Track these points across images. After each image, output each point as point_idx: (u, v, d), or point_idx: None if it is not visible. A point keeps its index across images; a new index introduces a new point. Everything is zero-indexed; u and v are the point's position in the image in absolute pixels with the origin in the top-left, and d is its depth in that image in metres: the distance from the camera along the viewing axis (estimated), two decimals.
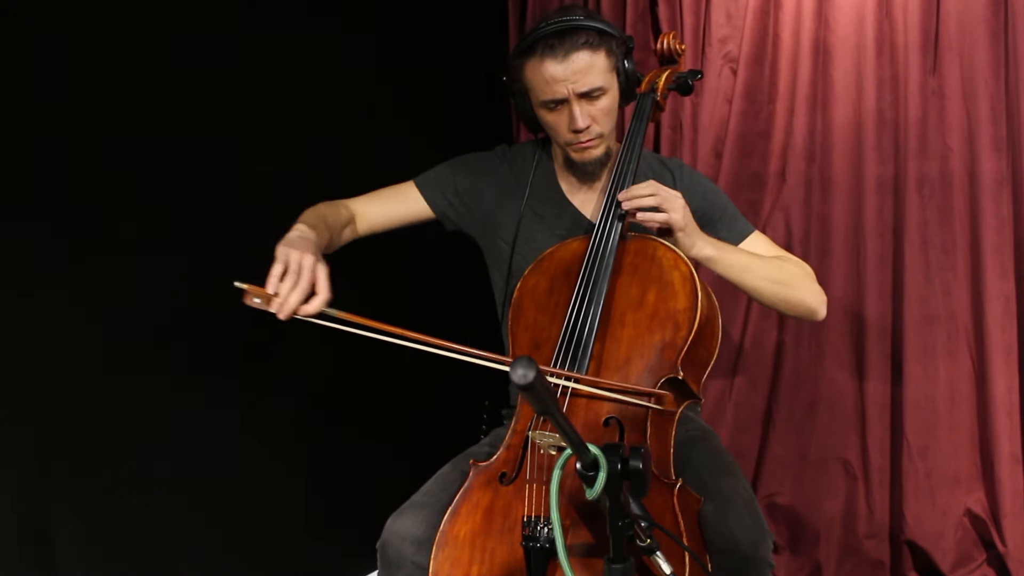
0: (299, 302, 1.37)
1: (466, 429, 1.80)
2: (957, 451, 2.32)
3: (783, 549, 2.47)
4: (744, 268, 1.62)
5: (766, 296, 1.65)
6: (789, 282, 1.66)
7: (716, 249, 1.59)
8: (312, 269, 1.39)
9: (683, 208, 1.53)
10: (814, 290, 1.69)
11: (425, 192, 1.78)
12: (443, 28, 2.59)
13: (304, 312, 1.38)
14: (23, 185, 1.69)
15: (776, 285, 1.64)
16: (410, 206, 1.78)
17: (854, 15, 2.34)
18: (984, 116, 2.23)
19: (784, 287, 1.65)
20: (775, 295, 1.65)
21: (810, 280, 1.70)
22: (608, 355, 1.47)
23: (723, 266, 1.60)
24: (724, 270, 1.60)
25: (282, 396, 2.22)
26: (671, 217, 1.51)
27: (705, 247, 1.57)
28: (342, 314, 1.40)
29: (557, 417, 0.99)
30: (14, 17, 1.65)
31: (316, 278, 1.39)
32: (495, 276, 1.82)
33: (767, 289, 1.64)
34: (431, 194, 1.78)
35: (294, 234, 1.49)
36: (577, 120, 1.59)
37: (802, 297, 1.67)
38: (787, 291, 1.65)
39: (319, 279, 1.39)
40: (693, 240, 1.55)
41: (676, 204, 1.52)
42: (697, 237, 1.56)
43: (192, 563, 2.00)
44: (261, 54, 2.10)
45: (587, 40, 1.55)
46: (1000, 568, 2.26)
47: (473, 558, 1.35)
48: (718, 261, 1.59)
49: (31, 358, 1.71)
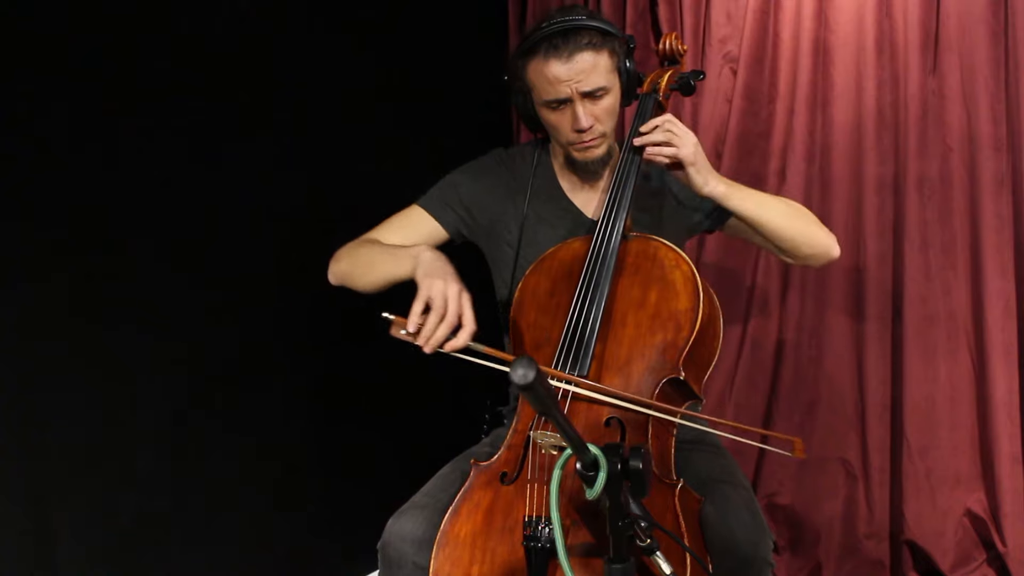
0: (446, 337, 1.38)
1: (466, 429, 1.80)
2: (957, 451, 2.32)
3: (783, 549, 2.47)
4: (758, 203, 1.62)
5: (784, 231, 1.63)
6: (803, 217, 1.67)
7: (728, 186, 1.59)
8: (458, 300, 1.40)
9: (695, 144, 1.54)
10: (823, 227, 1.71)
11: (433, 212, 1.75)
12: (443, 28, 2.59)
13: (451, 347, 1.39)
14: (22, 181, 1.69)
15: (792, 219, 1.64)
16: (423, 230, 1.75)
17: (854, 15, 2.34)
18: (984, 116, 2.23)
19: (800, 221, 1.66)
20: (792, 228, 1.64)
21: (817, 219, 1.71)
22: (609, 355, 1.47)
23: (737, 200, 1.60)
24: (738, 204, 1.60)
25: (282, 396, 2.22)
26: (680, 151, 1.53)
27: (718, 184, 1.58)
28: (487, 349, 1.41)
29: (557, 417, 0.99)
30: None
31: (462, 310, 1.40)
32: (498, 280, 1.81)
33: (784, 224, 1.63)
34: (439, 213, 1.75)
35: (427, 257, 1.49)
36: (580, 120, 1.58)
37: (816, 231, 1.68)
38: (803, 225, 1.66)
39: (464, 312, 1.40)
40: (705, 177, 1.56)
41: (687, 140, 1.54)
42: (709, 175, 1.57)
43: (192, 563, 1.99)
44: (259, 54, 2.10)
45: (590, 40, 1.55)
46: (1000, 568, 2.26)
47: (474, 558, 1.35)
48: (731, 196, 1.59)
49: (31, 358, 1.71)
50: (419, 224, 1.75)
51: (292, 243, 2.18)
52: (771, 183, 2.46)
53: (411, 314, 1.39)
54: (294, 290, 2.18)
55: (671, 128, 1.55)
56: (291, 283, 2.17)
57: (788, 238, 1.64)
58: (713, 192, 1.58)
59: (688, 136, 1.55)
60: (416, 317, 1.39)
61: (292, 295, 2.18)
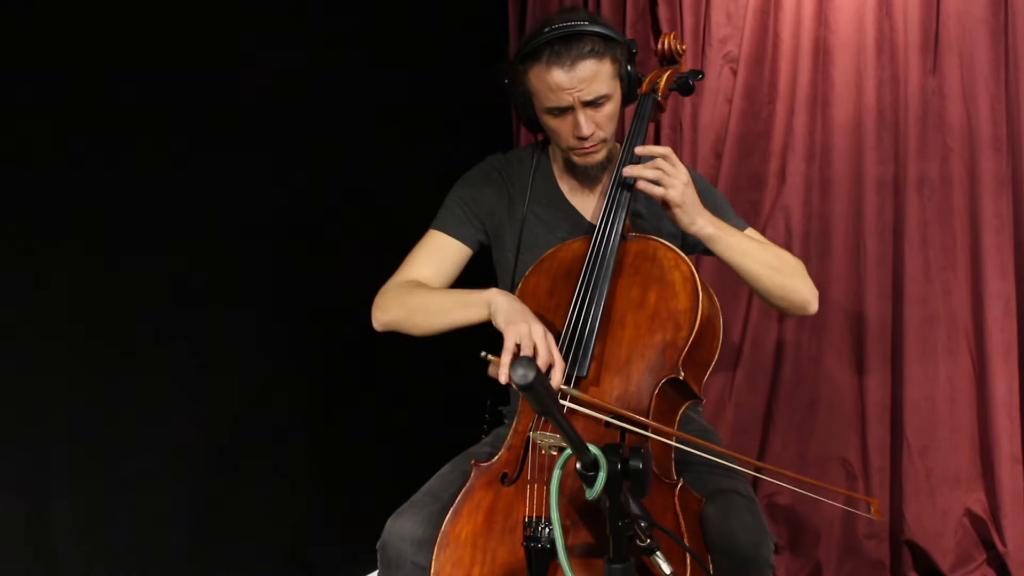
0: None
1: (466, 429, 1.80)
2: (957, 451, 2.32)
3: (783, 549, 2.47)
4: (744, 252, 1.61)
5: (763, 282, 1.63)
6: (785, 270, 1.66)
7: (716, 229, 1.58)
8: (545, 341, 1.42)
9: (684, 185, 1.52)
10: (807, 282, 1.69)
11: (452, 233, 1.74)
12: (442, 28, 2.59)
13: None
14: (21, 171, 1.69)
15: (773, 272, 1.63)
16: (451, 253, 1.74)
17: (854, 15, 2.34)
18: (984, 116, 2.24)
19: (781, 275, 1.64)
20: (771, 281, 1.63)
21: (804, 272, 1.70)
22: (609, 355, 1.47)
23: (723, 246, 1.59)
24: (724, 250, 1.60)
25: (282, 396, 2.22)
26: (667, 193, 1.52)
27: (706, 226, 1.56)
28: (582, 395, 1.42)
29: (557, 417, 0.99)
30: None
31: (551, 350, 1.42)
32: (500, 283, 1.80)
33: (764, 275, 1.62)
34: (459, 231, 1.74)
35: (501, 301, 1.51)
36: (582, 128, 1.58)
37: (797, 286, 1.66)
38: (784, 279, 1.65)
39: (553, 352, 1.42)
40: (692, 218, 1.55)
41: (676, 181, 1.52)
42: (697, 215, 1.56)
43: (192, 563, 1.99)
44: (258, 51, 2.10)
45: (593, 48, 1.54)
46: (1000, 568, 2.26)
47: (474, 558, 1.35)
48: (718, 241, 1.58)
49: (31, 357, 1.71)
50: (445, 249, 1.74)
51: (293, 244, 2.18)
52: (771, 183, 2.47)
53: (503, 365, 1.41)
54: (294, 290, 2.18)
55: (662, 167, 1.52)
56: (291, 283, 2.17)
57: (763, 289, 1.64)
58: (699, 233, 1.56)
59: (679, 176, 1.52)
60: (508, 360, 1.41)
61: (292, 295, 2.18)
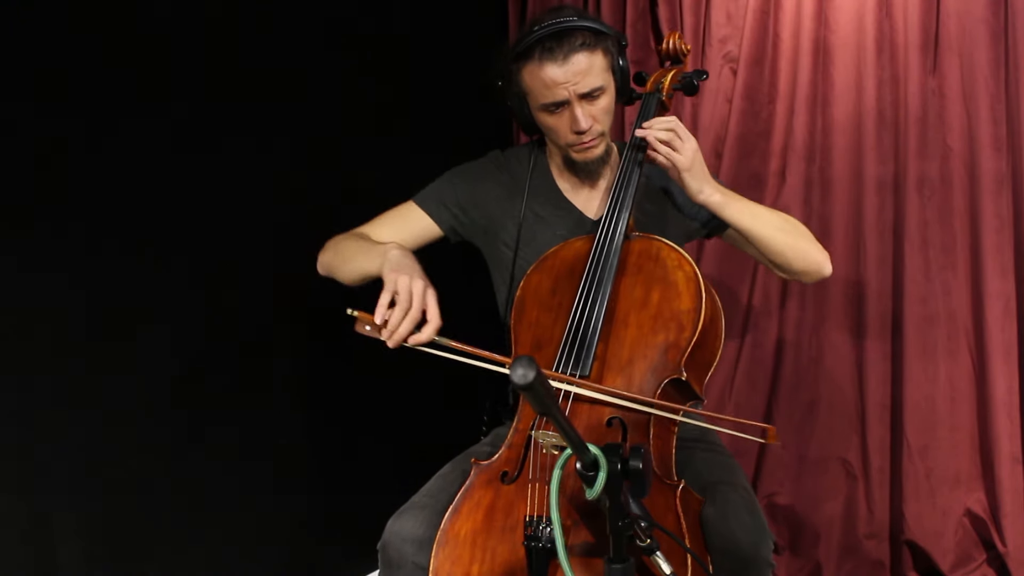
0: (409, 331, 1.38)
1: (466, 429, 1.80)
2: (957, 451, 2.32)
3: (783, 549, 2.47)
4: (754, 215, 1.62)
5: (777, 245, 1.63)
6: (796, 232, 1.67)
7: (724, 195, 1.59)
8: (423, 295, 1.40)
9: (694, 151, 1.55)
10: (818, 244, 1.70)
11: (428, 209, 1.75)
12: (442, 28, 2.59)
13: (415, 341, 1.39)
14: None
15: (785, 234, 1.64)
16: (416, 226, 1.75)
17: (854, 15, 2.34)
18: (984, 116, 2.23)
19: (792, 236, 1.65)
20: (784, 243, 1.63)
21: (812, 236, 1.71)
22: (611, 355, 1.47)
23: (732, 210, 1.60)
24: (734, 215, 1.60)
25: (282, 396, 2.22)
26: (676, 157, 1.54)
27: (714, 193, 1.58)
28: (452, 343, 1.41)
29: (557, 417, 0.99)
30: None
31: (427, 305, 1.40)
32: (497, 280, 1.81)
33: (777, 238, 1.62)
34: (434, 210, 1.76)
35: (395, 255, 1.49)
36: (580, 121, 1.58)
37: (809, 247, 1.67)
38: (796, 240, 1.65)
39: (429, 306, 1.41)
40: (700, 185, 1.57)
41: (687, 145, 1.54)
42: (705, 182, 1.58)
43: (192, 563, 1.99)
44: (256, 49, 2.10)
45: (584, 41, 1.55)
46: (1000, 568, 2.26)
47: (474, 557, 1.35)
48: (726, 206, 1.60)
49: (31, 357, 1.71)
50: (413, 220, 1.76)
51: (291, 243, 2.17)
52: (771, 183, 2.46)
53: (377, 307, 1.39)
54: (294, 290, 2.17)
55: (675, 128, 1.55)
56: (291, 283, 2.17)
57: (780, 252, 1.64)
58: (708, 200, 1.58)
59: (689, 142, 1.55)
60: (382, 310, 1.39)
61: (292, 295, 2.18)
